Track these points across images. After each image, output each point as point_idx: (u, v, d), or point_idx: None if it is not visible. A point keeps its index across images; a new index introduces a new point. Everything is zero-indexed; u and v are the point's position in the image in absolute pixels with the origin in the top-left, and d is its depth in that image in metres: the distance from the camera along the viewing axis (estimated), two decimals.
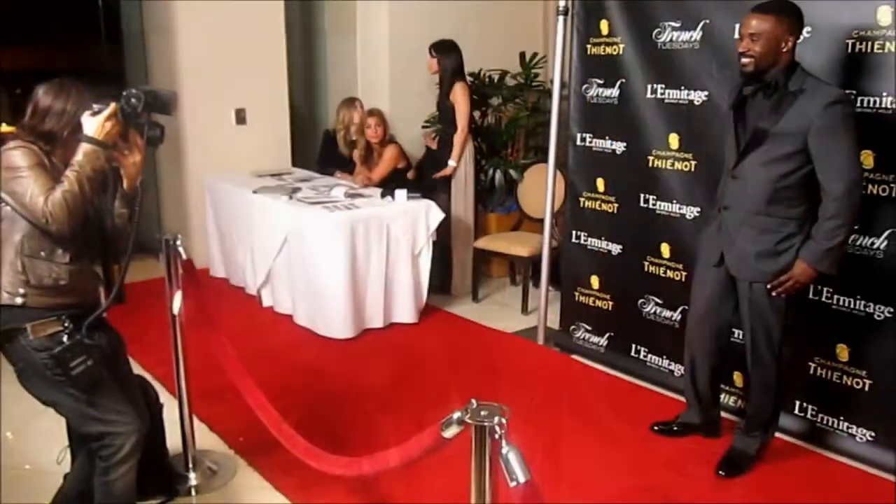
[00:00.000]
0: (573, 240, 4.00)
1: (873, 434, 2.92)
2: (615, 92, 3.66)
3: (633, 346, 3.77)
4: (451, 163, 4.76)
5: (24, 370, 2.05)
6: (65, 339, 2.00)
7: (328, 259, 4.06)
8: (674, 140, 3.43)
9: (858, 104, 2.74)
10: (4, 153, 1.97)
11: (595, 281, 3.93)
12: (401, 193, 4.41)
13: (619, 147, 3.69)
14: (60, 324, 2.03)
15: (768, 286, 2.64)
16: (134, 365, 2.48)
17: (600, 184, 3.81)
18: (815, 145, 2.49)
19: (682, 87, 3.34)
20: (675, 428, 3.13)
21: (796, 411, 3.13)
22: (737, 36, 3.00)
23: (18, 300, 2.00)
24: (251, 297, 4.74)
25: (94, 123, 1.98)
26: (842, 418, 3.01)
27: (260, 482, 2.82)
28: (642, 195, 3.60)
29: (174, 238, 2.67)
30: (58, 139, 2.05)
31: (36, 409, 2.15)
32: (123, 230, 2.16)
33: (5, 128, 4.87)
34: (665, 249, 3.55)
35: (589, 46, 3.74)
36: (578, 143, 3.88)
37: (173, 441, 2.77)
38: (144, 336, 3.69)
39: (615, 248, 3.81)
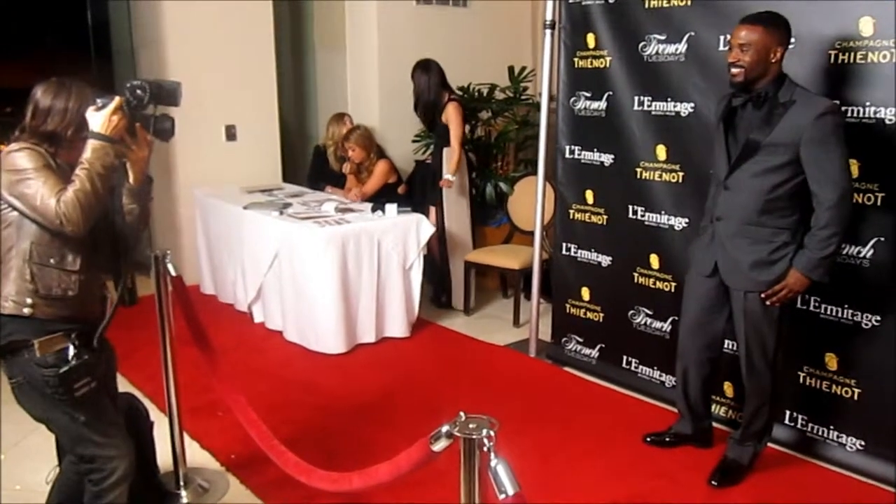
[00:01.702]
0: (563, 252, 4.01)
1: (863, 443, 2.92)
2: (602, 104, 3.68)
3: (625, 357, 3.78)
4: (450, 177, 4.70)
5: (22, 385, 1.97)
6: (70, 356, 1.94)
7: (319, 274, 4.06)
8: (661, 151, 3.45)
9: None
10: (9, 156, 1.89)
11: (586, 293, 3.94)
12: (391, 208, 4.41)
13: (608, 159, 3.71)
14: (69, 340, 1.96)
15: (763, 295, 2.66)
16: (123, 382, 2.46)
17: (589, 196, 3.83)
18: (807, 156, 2.51)
19: (669, 99, 3.37)
20: (668, 438, 3.14)
21: (786, 421, 3.14)
22: (723, 48, 3.04)
23: (26, 310, 1.92)
24: (242, 313, 4.73)
25: (100, 118, 1.90)
26: (832, 427, 3.01)
27: (252, 499, 2.80)
28: (631, 206, 3.62)
29: (164, 254, 2.66)
30: (62, 139, 1.97)
31: (26, 428, 2.12)
32: (134, 226, 2.10)
33: None
34: (654, 260, 3.56)
35: (576, 60, 3.77)
36: (567, 155, 3.90)
37: (164, 458, 2.75)
38: (134, 353, 3.68)
39: (605, 260, 3.82)
